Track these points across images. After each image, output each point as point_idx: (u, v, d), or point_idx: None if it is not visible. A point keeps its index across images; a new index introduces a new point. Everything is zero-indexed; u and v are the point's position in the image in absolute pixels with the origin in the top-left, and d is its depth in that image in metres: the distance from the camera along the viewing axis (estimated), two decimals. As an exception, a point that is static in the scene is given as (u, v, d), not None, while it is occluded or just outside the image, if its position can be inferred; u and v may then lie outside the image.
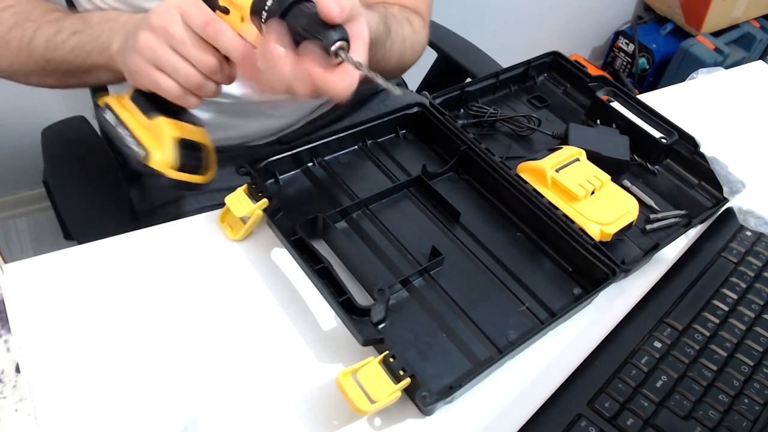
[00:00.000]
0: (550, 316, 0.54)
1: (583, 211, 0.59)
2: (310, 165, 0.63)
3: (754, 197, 0.66)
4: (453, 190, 0.64)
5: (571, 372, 0.50)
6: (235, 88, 0.66)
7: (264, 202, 0.55)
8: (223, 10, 0.48)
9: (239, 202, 0.55)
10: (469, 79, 0.84)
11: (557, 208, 0.59)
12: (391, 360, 0.45)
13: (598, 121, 0.73)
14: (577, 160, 0.63)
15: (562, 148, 0.64)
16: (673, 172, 0.70)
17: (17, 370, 0.46)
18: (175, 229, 0.58)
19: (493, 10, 1.75)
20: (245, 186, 0.56)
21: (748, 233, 0.63)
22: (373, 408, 0.43)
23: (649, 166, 0.70)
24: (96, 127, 0.76)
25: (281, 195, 0.60)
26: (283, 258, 0.56)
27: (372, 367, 0.45)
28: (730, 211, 0.66)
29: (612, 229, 0.58)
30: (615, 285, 0.57)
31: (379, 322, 0.51)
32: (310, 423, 0.46)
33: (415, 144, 0.68)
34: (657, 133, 0.70)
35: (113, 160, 0.75)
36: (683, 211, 0.65)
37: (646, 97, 0.80)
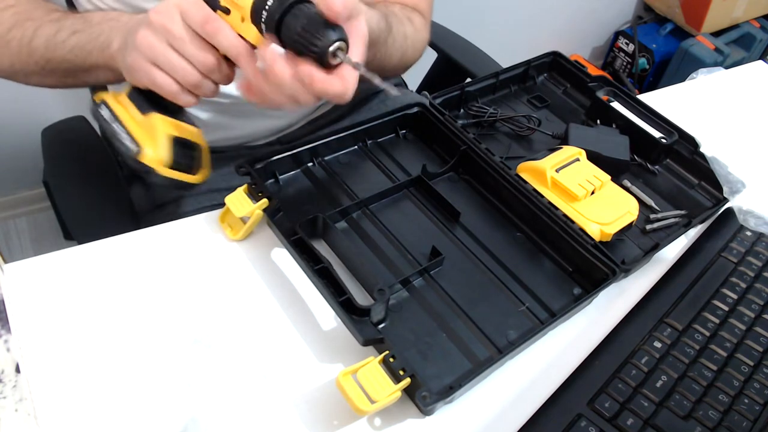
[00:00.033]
0: (550, 316, 0.54)
1: (583, 211, 0.59)
2: (310, 165, 0.63)
3: (754, 197, 0.66)
4: (453, 190, 0.64)
5: (571, 372, 0.50)
6: (235, 88, 0.66)
7: (264, 202, 0.55)
8: (224, 10, 0.49)
9: (239, 202, 0.55)
10: (469, 79, 0.84)
11: (557, 208, 0.59)
12: (391, 360, 0.45)
13: (598, 121, 0.73)
14: (577, 160, 0.63)
15: (562, 148, 0.64)
16: (673, 172, 0.70)
17: (17, 370, 0.46)
18: (175, 229, 0.58)
19: (493, 10, 1.75)
20: (245, 186, 0.56)
21: (748, 233, 0.63)
22: (373, 408, 0.43)
23: (649, 166, 0.70)
24: (96, 127, 0.76)
25: (281, 195, 0.60)
26: (283, 258, 0.56)
27: (372, 367, 0.45)
28: (730, 211, 0.66)
29: (612, 229, 0.58)
30: (615, 285, 0.57)
31: (379, 322, 0.51)
32: (310, 423, 0.46)
33: (415, 144, 0.68)
34: (657, 133, 0.70)
35: (113, 160, 0.75)
36: (683, 211, 0.65)
37: (646, 97, 0.80)
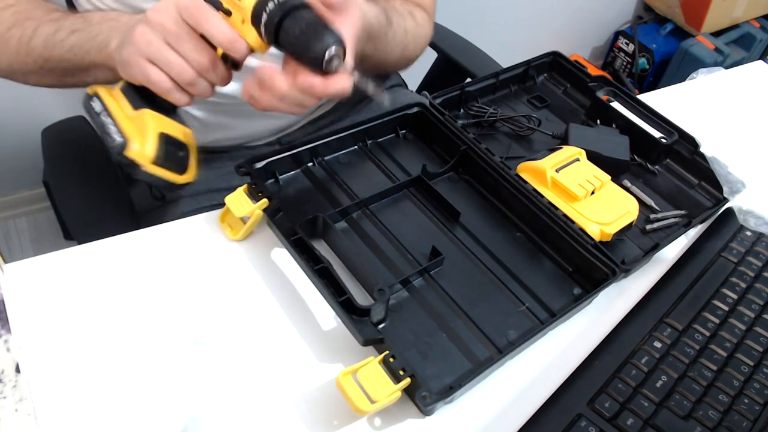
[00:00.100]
0: (550, 316, 0.54)
1: (583, 211, 0.59)
2: (310, 165, 0.63)
3: (754, 197, 0.66)
4: (453, 190, 0.64)
5: (571, 372, 0.50)
6: (236, 88, 0.66)
7: (264, 202, 0.55)
8: (226, 12, 0.49)
9: (239, 202, 0.55)
10: (469, 79, 0.84)
11: (557, 208, 0.59)
12: (391, 360, 0.45)
13: (598, 121, 0.73)
14: (577, 160, 0.63)
15: (562, 148, 0.64)
16: (673, 172, 0.70)
17: (17, 370, 0.46)
18: (175, 229, 0.58)
19: (493, 10, 1.75)
20: (245, 186, 0.56)
21: (748, 233, 0.63)
22: (373, 408, 0.43)
23: (649, 166, 0.70)
24: (95, 126, 0.76)
25: (281, 195, 0.60)
26: (283, 258, 0.56)
27: (372, 367, 0.45)
28: (730, 211, 0.66)
29: (612, 229, 0.58)
30: (615, 285, 0.57)
31: (379, 322, 0.51)
32: (310, 423, 0.46)
33: (415, 144, 0.68)
34: (657, 133, 0.70)
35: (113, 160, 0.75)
36: (683, 211, 0.65)
37: (646, 97, 0.80)
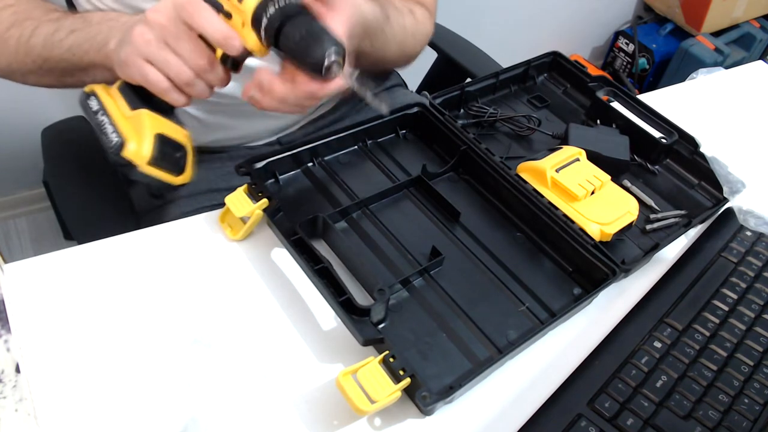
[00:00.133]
0: (550, 316, 0.54)
1: (583, 211, 0.59)
2: (310, 165, 0.63)
3: (754, 197, 0.66)
4: (453, 190, 0.64)
5: (571, 372, 0.50)
6: (236, 89, 0.66)
7: (264, 202, 0.55)
8: (227, 15, 0.48)
9: (239, 202, 0.55)
10: (469, 79, 0.84)
11: (557, 208, 0.59)
12: (391, 360, 0.45)
13: (598, 121, 0.73)
14: (577, 160, 0.63)
15: (562, 148, 0.64)
16: (673, 172, 0.70)
17: (17, 370, 0.46)
18: (175, 229, 0.58)
19: (493, 10, 1.75)
20: (245, 186, 0.56)
21: (748, 233, 0.63)
22: (373, 408, 0.43)
23: (649, 166, 0.70)
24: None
25: (281, 195, 0.60)
26: (283, 258, 0.56)
27: (372, 367, 0.45)
28: (730, 211, 0.66)
29: (612, 229, 0.58)
30: (615, 285, 0.57)
31: (379, 322, 0.51)
32: (310, 423, 0.46)
33: (415, 144, 0.68)
34: (657, 133, 0.70)
35: (113, 160, 0.75)
36: (683, 211, 0.65)
37: (646, 97, 0.80)
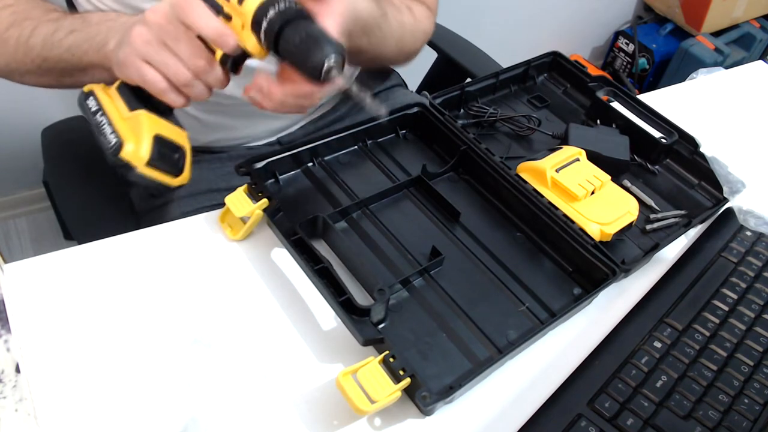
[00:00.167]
0: (550, 316, 0.54)
1: (583, 211, 0.59)
2: (310, 165, 0.63)
3: (754, 197, 0.66)
4: (453, 190, 0.64)
5: (571, 372, 0.50)
6: (235, 89, 0.66)
7: (264, 202, 0.55)
8: (226, 17, 0.48)
9: (239, 202, 0.55)
10: (469, 79, 0.84)
11: (557, 208, 0.59)
12: (391, 360, 0.45)
13: (598, 121, 0.73)
14: (577, 160, 0.63)
15: (562, 148, 0.64)
16: (673, 172, 0.70)
17: (17, 370, 0.46)
18: (175, 229, 0.58)
19: (493, 10, 1.75)
20: (245, 186, 0.56)
21: (748, 233, 0.63)
22: (373, 408, 0.43)
23: (649, 166, 0.70)
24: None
25: (281, 195, 0.60)
26: (283, 258, 0.56)
27: (372, 367, 0.45)
28: (730, 211, 0.66)
29: (612, 229, 0.58)
30: (615, 285, 0.57)
31: (379, 322, 0.51)
32: (310, 423, 0.46)
33: (415, 144, 0.68)
34: (657, 133, 0.70)
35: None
36: (683, 211, 0.65)
37: (646, 97, 0.80)
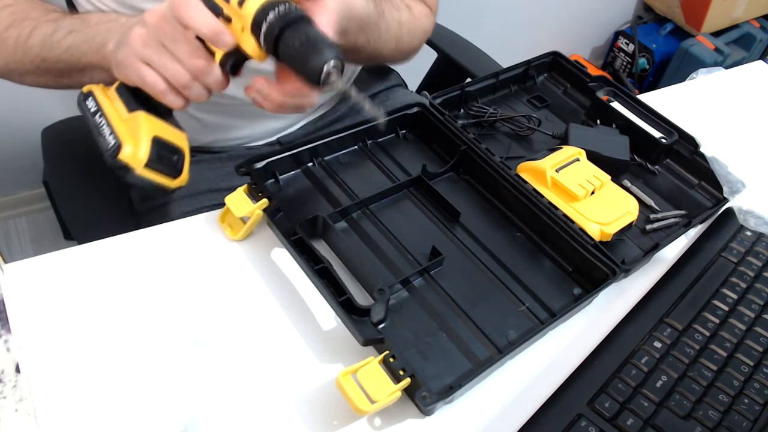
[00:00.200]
0: (550, 316, 0.54)
1: (583, 211, 0.59)
2: (310, 165, 0.63)
3: (754, 197, 0.66)
4: (453, 190, 0.64)
5: (571, 372, 0.50)
6: (236, 89, 0.66)
7: (264, 202, 0.55)
8: (226, 19, 0.48)
9: (239, 202, 0.55)
10: (469, 79, 0.84)
11: (557, 208, 0.59)
12: (391, 360, 0.45)
13: (598, 121, 0.73)
14: (577, 160, 0.63)
15: (562, 148, 0.64)
16: (673, 172, 0.70)
17: (17, 370, 0.46)
18: (175, 229, 0.58)
19: (493, 10, 1.75)
20: (245, 186, 0.56)
21: (748, 233, 0.63)
22: (373, 408, 0.43)
23: (649, 166, 0.70)
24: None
25: (281, 195, 0.60)
26: (283, 258, 0.56)
27: (372, 367, 0.45)
28: (730, 211, 0.66)
29: (612, 229, 0.58)
30: (615, 285, 0.57)
31: (379, 322, 0.51)
32: (310, 423, 0.46)
33: (415, 144, 0.68)
34: (657, 133, 0.70)
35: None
36: (683, 211, 0.65)
37: (646, 97, 0.80)
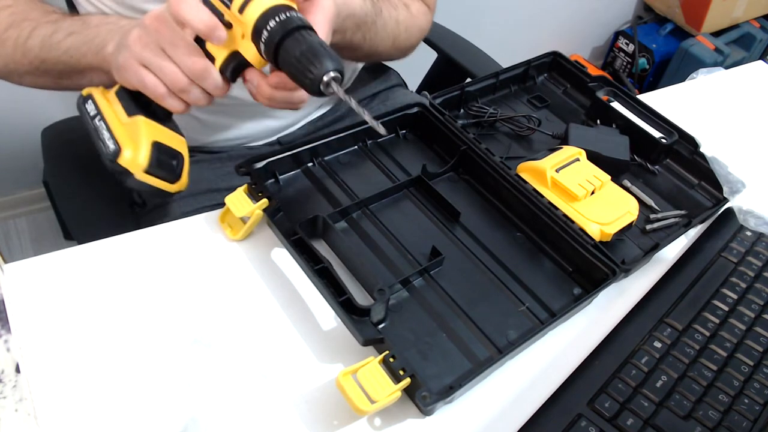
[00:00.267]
0: (550, 316, 0.54)
1: (583, 211, 0.59)
2: (310, 165, 0.63)
3: (754, 197, 0.66)
4: (453, 190, 0.64)
5: (571, 372, 0.50)
6: (236, 89, 0.66)
7: (264, 202, 0.55)
8: (226, 25, 0.48)
9: (239, 202, 0.55)
10: (469, 79, 0.84)
11: (557, 208, 0.59)
12: (391, 360, 0.45)
13: (598, 121, 0.73)
14: (577, 160, 0.63)
15: (562, 148, 0.64)
16: (673, 172, 0.70)
17: (17, 370, 0.46)
18: (175, 229, 0.58)
19: (493, 10, 1.75)
20: (245, 186, 0.56)
21: (748, 233, 0.63)
22: (373, 408, 0.43)
23: (649, 166, 0.70)
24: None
25: (281, 195, 0.60)
26: (283, 258, 0.56)
27: (372, 367, 0.45)
28: (730, 211, 0.66)
29: (612, 229, 0.58)
30: (615, 285, 0.57)
31: (379, 322, 0.51)
32: (310, 423, 0.46)
33: (415, 144, 0.68)
34: (657, 133, 0.70)
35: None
36: (683, 211, 0.65)
37: (646, 97, 0.80)
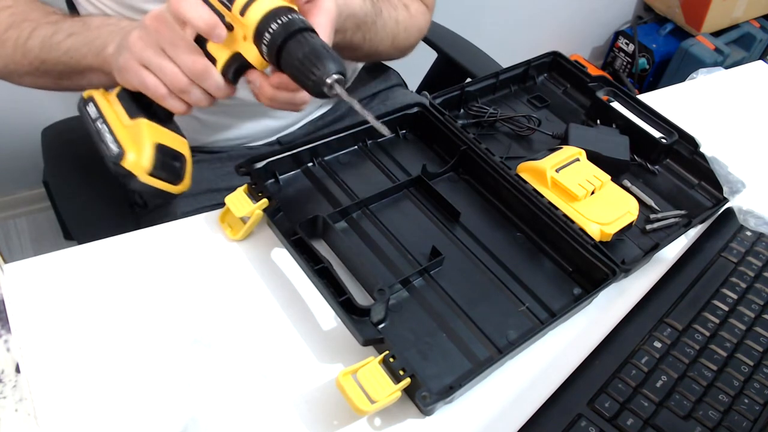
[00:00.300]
0: (550, 316, 0.54)
1: (583, 211, 0.59)
2: (310, 165, 0.63)
3: (754, 197, 0.66)
4: (453, 190, 0.64)
5: (571, 372, 0.50)
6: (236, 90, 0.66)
7: (264, 202, 0.55)
8: (228, 26, 0.48)
9: (239, 202, 0.55)
10: (469, 79, 0.84)
11: (557, 208, 0.59)
12: (391, 360, 0.45)
13: (598, 121, 0.73)
14: (577, 160, 0.63)
15: (562, 148, 0.64)
16: (673, 172, 0.70)
17: (17, 370, 0.46)
18: (175, 229, 0.58)
19: (493, 10, 1.75)
20: (245, 186, 0.56)
21: (748, 233, 0.63)
22: (373, 408, 0.43)
23: (649, 166, 0.70)
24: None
25: (281, 195, 0.60)
26: (283, 258, 0.56)
27: (372, 367, 0.45)
28: (730, 211, 0.66)
29: (612, 229, 0.58)
30: (615, 285, 0.57)
31: (379, 322, 0.51)
32: (310, 423, 0.46)
33: (415, 144, 0.68)
34: (657, 133, 0.70)
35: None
36: (683, 211, 0.65)
37: (646, 97, 0.80)
